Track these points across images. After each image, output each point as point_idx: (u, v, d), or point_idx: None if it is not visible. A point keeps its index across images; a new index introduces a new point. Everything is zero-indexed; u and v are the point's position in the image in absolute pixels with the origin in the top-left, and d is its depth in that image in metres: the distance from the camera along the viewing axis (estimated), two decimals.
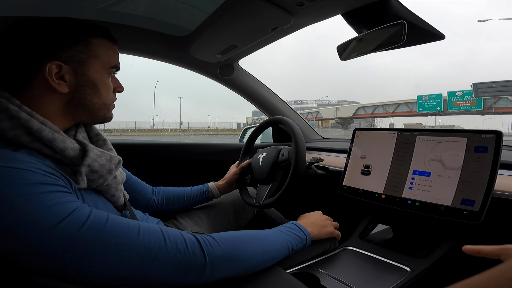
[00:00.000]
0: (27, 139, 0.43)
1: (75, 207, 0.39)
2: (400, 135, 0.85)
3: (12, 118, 0.42)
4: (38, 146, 0.43)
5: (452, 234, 0.75)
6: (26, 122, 0.43)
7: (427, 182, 0.76)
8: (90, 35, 0.49)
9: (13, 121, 0.42)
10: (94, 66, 0.50)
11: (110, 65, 0.52)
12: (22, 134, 0.42)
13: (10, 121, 0.42)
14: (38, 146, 0.43)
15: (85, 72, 0.49)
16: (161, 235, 0.43)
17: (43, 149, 0.44)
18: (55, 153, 0.45)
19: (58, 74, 0.46)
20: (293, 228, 0.63)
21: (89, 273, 0.38)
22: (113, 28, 0.91)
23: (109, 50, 0.53)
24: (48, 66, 0.45)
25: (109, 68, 0.52)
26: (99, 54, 0.50)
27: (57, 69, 0.46)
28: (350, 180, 0.96)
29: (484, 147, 0.68)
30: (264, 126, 1.07)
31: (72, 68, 0.47)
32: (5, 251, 0.36)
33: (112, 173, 0.52)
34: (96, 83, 0.50)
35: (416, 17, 0.67)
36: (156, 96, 38.15)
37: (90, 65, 0.49)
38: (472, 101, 22.77)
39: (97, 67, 0.50)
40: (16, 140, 0.42)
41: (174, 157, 1.41)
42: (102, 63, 0.51)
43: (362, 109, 32.97)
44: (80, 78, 0.48)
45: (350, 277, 0.66)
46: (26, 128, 0.43)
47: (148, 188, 0.86)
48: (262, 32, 0.88)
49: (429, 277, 0.68)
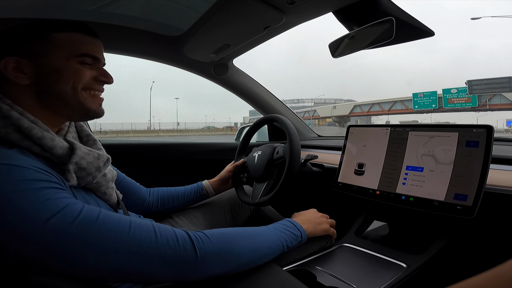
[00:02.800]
0: (17, 137, 0.44)
1: (68, 202, 0.40)
2: (393, 131, 0.86)
3: (4, 116, 0.44)
4: (28, 144, 0.45)
5: (447, 229, 0.75)
6: (17, 121, 0.44)
7: (420, 177, 0.76)
8: (51, 31, 0.50)
9: (4, 120, 0.44)
10: (56, 56, 0.50)
11: (78, 53, 0.51)
12: (13, 132, 0.44)
13: (1, 120, 0.44)
14: (28, 144, 0.45)
15: (47, 63, 0.49)
16: (153, 230, 0.44)
17: (33, 147, 0.45)
18: (44, 151, 0.46)
19: (17, 68, 0.48)
20: (287, 225, 0.63)
21: (80, 267, 0.39)
22: (106, 29, 0.93)
23: (78, 40, 0.52)
24: (2, 62, 0.47)
25: (78, 56, 0.52)
26: (62, 44, 0.50)
27: (14, 64, 0.47)
28: (345, 177, 0.96)
29: (475, 142, 0.69)
30: (259, 124, 1.07)
31: (30, 61, 0.48)
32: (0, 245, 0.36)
33: (101, 171, 0.54)
34: (60, 70, 0.50)
35: (406, 14, 0.68)
36: (152, 97, 38.16)
37: (51, 55, 0.50)
38: (467, 98, 22.95)
39: (60, 57, 0.50)
40: (6, 138, 0.44)
41: (169, 157, 1.41)
42: (66, 53, 0.51)
43: (358, 107, 33.12)
44: (41, 69, 0.49)
45: (346, 274, 0.67)
46: (17, 126, 0.44)
47: (142, 189, 0.87)
48: (255, 31, 0.89)
49: (425, 272, 0.68)
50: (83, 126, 0.60)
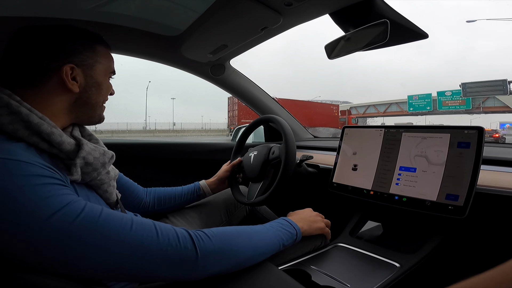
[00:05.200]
0: (25, 133, 0.44)
1: (70, 200, 0.40)
2: (387, 132, 0.87)
3: (13, 113, 0.44)
4: (35, 140, 0.45)
5: (440, 229, 0.76)
6: (26, 117, 0.45)
7: (413, 177, 0.78)
8: (95, 43, 0.56)
9: (13, 115, 0.44)
10: (99, 70, 0.56)
11: (111, 70, 0.59)
12: (21, 128, 0.44)
13: (10, 116, 0.44)
14: (35, 140, 0.45)
15: (93, 75, 0.55)
16: (154, 229, 0.44)
17: (40, 143, 0.45)
18: (52, 147, 0.46)
19: (71, 75, 0.51)
20: (283, 224, 0.64)
21: (81, 265, 0.39)
22: (103, 28, 0.92)
23: (109, 56, 0.59)
24: (64, 68, 0.50)
25: (110, 72, 0.59)
26: (103, 59, 0.56)
27: (70, 71, 0.51)
28: (340, 177, 0.97)
29: (466, 143, 0.70)
30: (255, 124, 1.08)
31: (82, 71, 0.53)
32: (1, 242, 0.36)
33: (106, 167, 0.55)
34: (101, 85, 0.56)
35: (400, 16, 0.69)
36: (148, 97, 37.75)
37: (97, 69, 0.55)
38: (461, 101, 23.15)
39: (101, 71, 0.56)
40: (14, 134, 0.44)
41: (166, 157, 1.40)
42: (105, 68, 0.57)
43: (354, 109, 33.23)
44: (88, 80, 0.54)
45: (341, 273, 0.67)
46: (26, 122, 0.45)
47: (139, 189, 0.86)
48: (252, 32, 0.89)
49: (418, 272, 0.69)
50: (84, 126, 0.60)
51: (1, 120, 0.43)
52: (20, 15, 0.78)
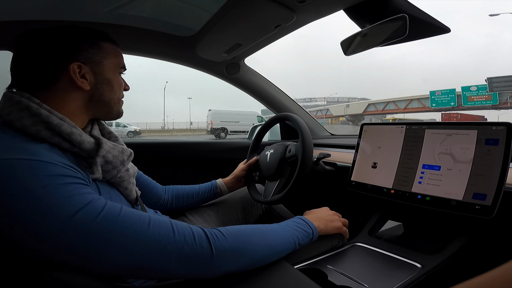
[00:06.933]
0: (47, 134, 0.45)
1: (92, 198, 0.42)
2: (409, 129, 0.84)
3: (33, 115, 0.46)
4: (57, 140, 0.46)
5: (465, 229, 0.73)
6: (47, 118, 0.46)
7: (437, 176, 0.74)
8: (100, 40, 0.56)
9: (34, 118, 0.45)
10: (108, 66, 0.56)
11: (119, 66, 0.59)
12: (43, 130, 0.45)
13: (31, 118, 0.45)
14: (57, 140, 0.46)
15: (102, 72, 0.55)
16: (170, 227, 0.45)
17: (62, 143, 0.47)
18: (73, 146, 0.48)
19: (80, 73, 0.52)
20: (299, 223, 0.63)
21: (102, 262, 0.40)
22: (120, 30, 0.95)
23: (117, 52, 0.59)
24: (71, 66, 0.50)
25: (119, 68, 0.59)
26: (110, 56, 0.57)
27: (78, 69, 0.51)
28: (359, 176, 0.95)
29: (495, 140, 0.67)
30: (271, 123, 1.07)
31: (90, 68, 0.53)
32: (24, 241, 0.37)
33: (125, 165, 0.56)
34: (111, 81, 0.57)
35: (419, 11, 0.66)
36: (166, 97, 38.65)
37: (105, 65, 0.55)
38: (487, 96, 22.03)
39: (110, 67, 0.57)
40: (37, 136, 0.45)
41: (183, 155, 1.43)
42: (113, 64, 0.57)
43: (372, 105, 32.41)
44: (98, 77, 0.54)
45: (358, 273, 0.66)
46: (46, 123, 0.46)
47: (158, 187, 0.88)
48: (266, 30, 0.89)
49: (441, 273, 0.67)
50: (104, 124, 0.62)
51: (23, 123, 0.44)
52: (39, 19, 0.82)
